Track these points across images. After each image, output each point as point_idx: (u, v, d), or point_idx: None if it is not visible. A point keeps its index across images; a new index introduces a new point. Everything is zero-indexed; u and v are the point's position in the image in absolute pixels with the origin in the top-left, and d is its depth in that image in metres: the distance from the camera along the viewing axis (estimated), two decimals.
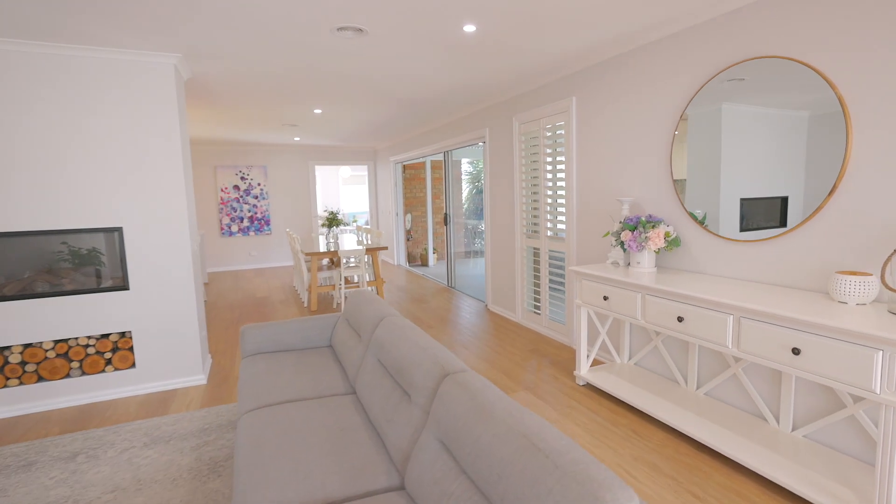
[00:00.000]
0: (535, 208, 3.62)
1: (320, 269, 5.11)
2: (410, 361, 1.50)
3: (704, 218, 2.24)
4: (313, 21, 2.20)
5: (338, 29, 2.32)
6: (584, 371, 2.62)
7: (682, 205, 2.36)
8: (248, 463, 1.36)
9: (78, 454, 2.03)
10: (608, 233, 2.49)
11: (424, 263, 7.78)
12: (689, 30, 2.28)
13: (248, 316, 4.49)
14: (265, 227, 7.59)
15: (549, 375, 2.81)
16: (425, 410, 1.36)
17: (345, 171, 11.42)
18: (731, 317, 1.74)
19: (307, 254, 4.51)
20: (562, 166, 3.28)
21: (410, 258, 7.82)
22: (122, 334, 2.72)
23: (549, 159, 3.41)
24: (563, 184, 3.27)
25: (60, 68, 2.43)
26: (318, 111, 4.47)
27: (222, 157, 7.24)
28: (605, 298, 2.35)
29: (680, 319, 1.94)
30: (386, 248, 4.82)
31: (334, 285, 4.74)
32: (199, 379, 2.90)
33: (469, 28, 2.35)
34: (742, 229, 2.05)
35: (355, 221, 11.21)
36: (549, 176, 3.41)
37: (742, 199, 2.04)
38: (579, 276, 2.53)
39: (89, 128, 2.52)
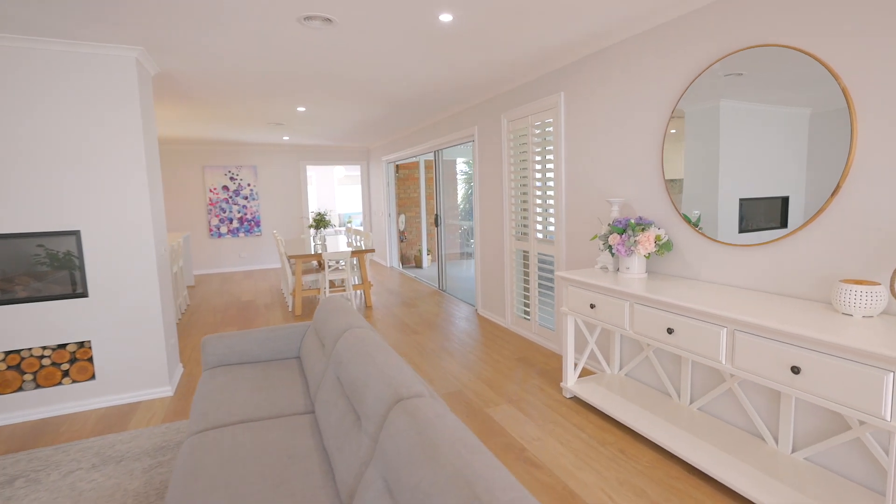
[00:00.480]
0: (524, 209, 3.46)
1: (308, 271, 4.96)
2: (364, 382, 1.34)
3: (699, 220, 2.09)
4: (277, 9, 2.05)
5: (304, 18, 2.16)
6: (570, 383, 2.46)
7: (675, 206, 2.20)
8: (177, 498, 1.20)
9: (17, 478, 1.87)
10: (596, 236, 2.33)
11: (418, 265, 7.63)
12: (680, 18, 2.12)
13: (231, 321, 4.34)
14: (255, 229, 7.45)
15: (535, 387, 2.65)
16: (374, 440, 1.20)
17: (339, 171, 11.28)
18: (725, 329, 1.58)
19: (290, 256, 4.36)
20: (551, 165, 3.13)
21: (404, 260, 7.67)
22: (81, 344, 2.57)
23: (537, 158, 3.25)
24: (552, 183, 3.12)
25: (8, 61, 2.28)
26: (301, 109, 4.32)
27: (210, 157, 7.10)
28: (592, 306, 2.19)
29: (670, 331, 1.78)
30: (373, 250, 4.66)
31: (320, 289, 4.58)
32: (166, 391, 2.75)
33: (445, 17, 2.19)
34: (741, 230, 1.89)
35: (349, 223, 11.06)
36: (538, 175, 3.25)
37: (741, 200, 1.88)
38: (565, 281, 2.37)
39: (42, 124, 2.37)
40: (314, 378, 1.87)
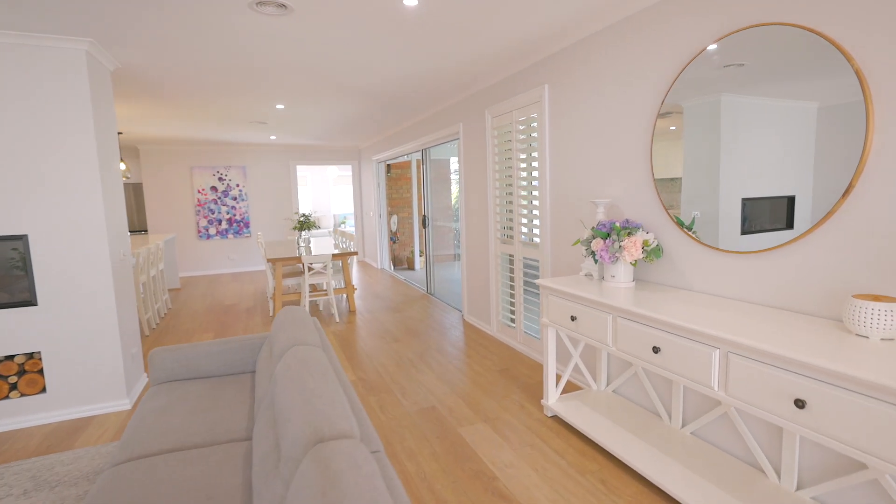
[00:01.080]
0: (509, 210, 3.26)
1: (291, 275, 4.79)
2: (288, 414, 1.15)
3: (693, 223, 1.87)
4: None
5: (256, 3, 1.98)
6: (551, 401, 2.25)
7: (664, 207, 1.98)
8: None
9: None
10: (578, 240, 2.12)
11: (411, 267, 7.45)
12: None
13: (208, 326, 4.18)
14: (244, 230, 7.30)
15: (516, 403, 2.44)
16: (286, 488, 1.01)
17: (333, 171, 11.13)
18: (717, 351, 1.37)
19: (269, 259, 4.19)
20: (536, 163, 2.92)
21: (396, 261, 7.48)
22: (30, 355, 2.41)
23: (522, 155, 3.05)
24: (537, 183, 2.91)
25: None
26: (280, 106, 4.14)
27: (199, 158, 6.96)
28: (573, 319, 1.98)
29: (656, 350, 1.57)
30: (356, 253, 4.48)
31: (301, 293, 4.41)
32: (123, 404, 2.58)
33: (410, 2, 1.99)
34: (744, 232, 1.69)
35: (343, 223, 10.90)
36: (523, 174, 3.04)
37: (744, 199, 1.68)
38: (545, 290, 2.17)
39: None
40: (259, 400, 1.69)
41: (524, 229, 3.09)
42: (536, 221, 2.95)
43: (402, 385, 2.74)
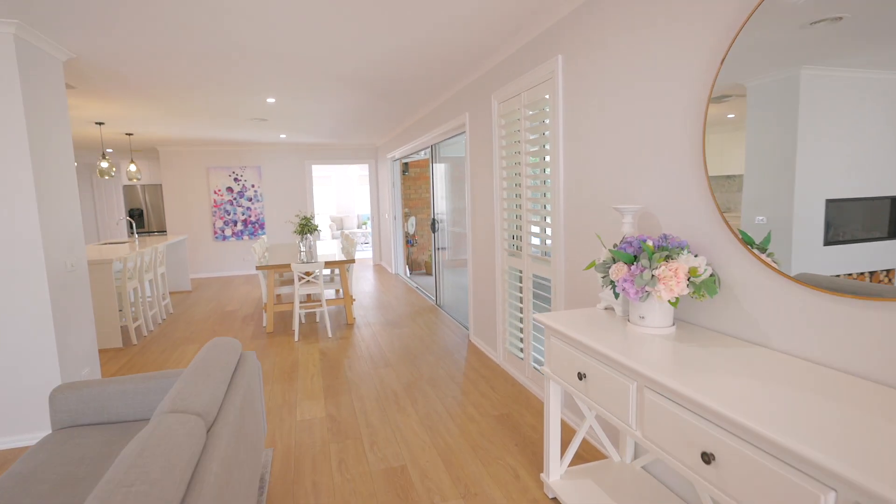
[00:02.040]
0: (517, 216, 2.67)
1: (286, 282, 4.48)
2: None
3: (767, 240, 1.23)
4: None
5: None
6: (553, 477, 1.66)
7: (723, 218, 1.34)
8: None
9: None
10: (593, 263, 1.52)
11: (429, 272, 6.99)
12: None
13: (198, 337, 3.95)
14: (260, 231, 7.19)
15: (509, 469, 1.88)
16: None
17: (355, 170, 10.93)
18: (832, 495, 0.75)
19: (260, 267, 3.88)
20: (547, 157, 2.32)
21: (414, 265, 7.05)
22: None
23: (532, 148, 2.45)
24: (549, 182, 2.31)
25: None
26: (271, 100, 3.81)
27: (214, 158, 6.92)
28: (581, 377, 1.39)
29: (707, 459, 0.96)
30: (353, 261, 4.07)
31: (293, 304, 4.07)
32: None
33: None
34: (827, 242, 1.10)
35: (365, 224, 10.66)
36: (534, 172, 2.45)
37: (829, 201, 1.09)
38: (548, 329, 1.59)
39: None
40: None
41: (535, 240, 2.49)
42: (549, 231, 2.35)
43: (374, 429, 2.26)
